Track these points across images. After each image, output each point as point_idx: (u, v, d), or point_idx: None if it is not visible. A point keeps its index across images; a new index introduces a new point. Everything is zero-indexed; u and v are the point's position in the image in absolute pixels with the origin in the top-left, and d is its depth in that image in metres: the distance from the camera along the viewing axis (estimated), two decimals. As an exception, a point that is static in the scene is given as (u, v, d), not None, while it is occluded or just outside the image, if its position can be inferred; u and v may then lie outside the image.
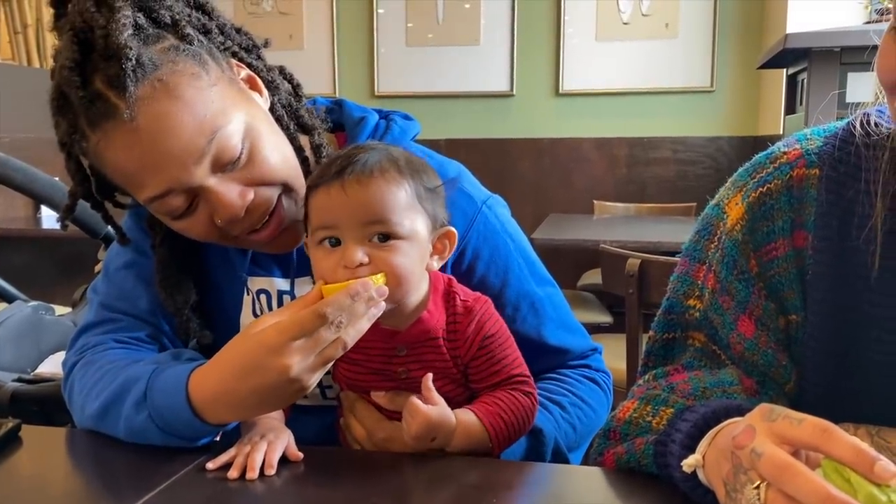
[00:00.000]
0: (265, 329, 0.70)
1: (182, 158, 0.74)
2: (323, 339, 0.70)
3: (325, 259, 0.74)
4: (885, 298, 0.67)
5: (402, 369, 0.80)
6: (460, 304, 0.81)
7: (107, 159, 0.77)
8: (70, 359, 0.91)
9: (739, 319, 0.72)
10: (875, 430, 0.66)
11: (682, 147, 3.66)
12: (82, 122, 0.75)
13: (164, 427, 0.76)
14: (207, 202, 0.78)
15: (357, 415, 0.83)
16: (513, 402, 0.79)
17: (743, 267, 0.73)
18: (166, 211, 0.79)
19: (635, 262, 1.60)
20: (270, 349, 0.69)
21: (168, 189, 0.76)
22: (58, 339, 1.37)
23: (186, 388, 0.74)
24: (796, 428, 0.50)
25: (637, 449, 0.69)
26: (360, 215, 0.73)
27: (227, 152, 0.76)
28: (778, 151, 0.75)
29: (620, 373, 1.88)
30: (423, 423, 0.73)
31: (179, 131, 0.74)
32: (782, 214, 0.72)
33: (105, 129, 0.74)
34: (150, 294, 0.92)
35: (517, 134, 3.77)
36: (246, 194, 0.78)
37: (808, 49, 2.05)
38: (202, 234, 0.81)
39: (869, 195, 0.68)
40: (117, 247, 0.95)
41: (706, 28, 3.56)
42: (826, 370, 0.71)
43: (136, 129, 0.73)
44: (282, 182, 0.81)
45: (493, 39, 3.76)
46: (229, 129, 0.76)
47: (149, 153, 0.74)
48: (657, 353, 0.80)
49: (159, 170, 0.75)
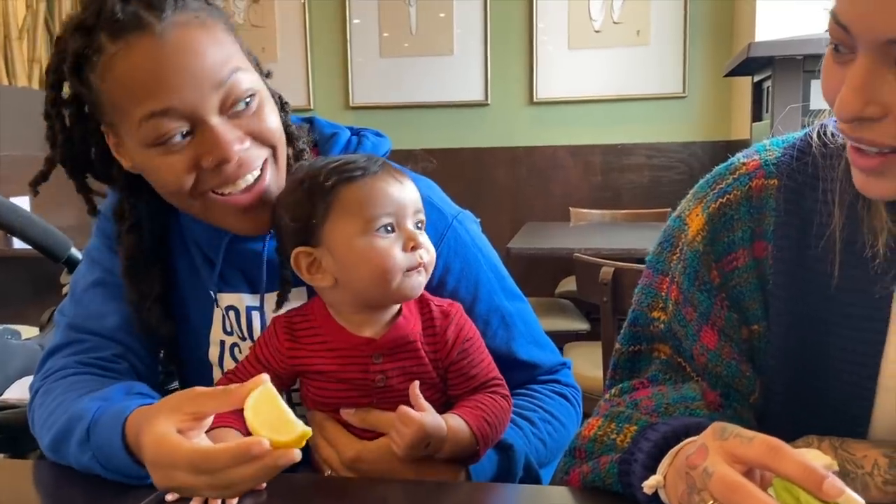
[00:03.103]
0: (192, 449, 0.67)
1: (199, 80, 0.76)
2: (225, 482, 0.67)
3: (387, 246, 0.78)
4: (843, 307, 0.68)
5: (379, 377, 0.80)
6: (436, 308, 0.83)
7: (119, 70, 0.77)
8: (35, 384, 0.90)
9: (702, 330, 0.73)
10: (839, 443, 0.66)
11: (656, 153, 3.69)
12: (102, 36, 0.77)
13: (106, 465, 0.75)
14: (202, 140, 0.78)
15: (325, 435, 0.82)
16: (494, 405, 0.81)
17: (704, 278, 0.73)
18: (157, 134, 0.77)
19: (609, 271, 1.61)
20: (180, 466, 0.67)
21: (172, 106, 0.76)
22: (24, 363, 1.34)
23: (123, 430, 0.73)
24: (746, 446, 0.50)
25: (602, 468, 0.69)
26: (413, 204, 0.81)
27: (238, 92, 0.79)
28: (738, 162, 0.75)
29: (597, 381, 1.88)
30: (417, 430, 0.75)
31: (203, 57, 0.77)
32: (742, 225, 0.72)
33: (129, 40, 0.76)
34: (117, 312, 0.91)
35: (493, 143, 3.78)
36: (243, 140, 0.80)
37: (771, 57, 2.07)
38: (179, 175, 0.79)
39: (827, 204, 0.68)
40: (84, 268, 0.95)
41: (677, 35, 3.60)
42: (789, 379, 0.71)
43: (163, 45, 0.76)
44: (273, 145, 0.83)
45: (467, 49, 3.76)
46: (246, 75, 0.80)
47: (168, 66, 0.76)
48: (623, 365, 0.80)
49: (172, 86, 0.76)
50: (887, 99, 0.56)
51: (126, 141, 0.81)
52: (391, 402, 0.80)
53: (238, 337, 0.94)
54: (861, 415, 0.68)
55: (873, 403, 0.68)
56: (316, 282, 0.82)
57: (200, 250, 0.94)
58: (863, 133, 0.59)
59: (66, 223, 3.11)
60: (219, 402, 0.69)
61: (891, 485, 0.63)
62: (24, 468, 0.91)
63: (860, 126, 0.59)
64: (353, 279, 0.79)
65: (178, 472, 0.67)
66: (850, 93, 0.57)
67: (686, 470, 0.54)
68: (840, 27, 0.58)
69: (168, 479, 0.68)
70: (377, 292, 0.80)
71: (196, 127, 0.78)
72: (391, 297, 0.81)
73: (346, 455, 0.80)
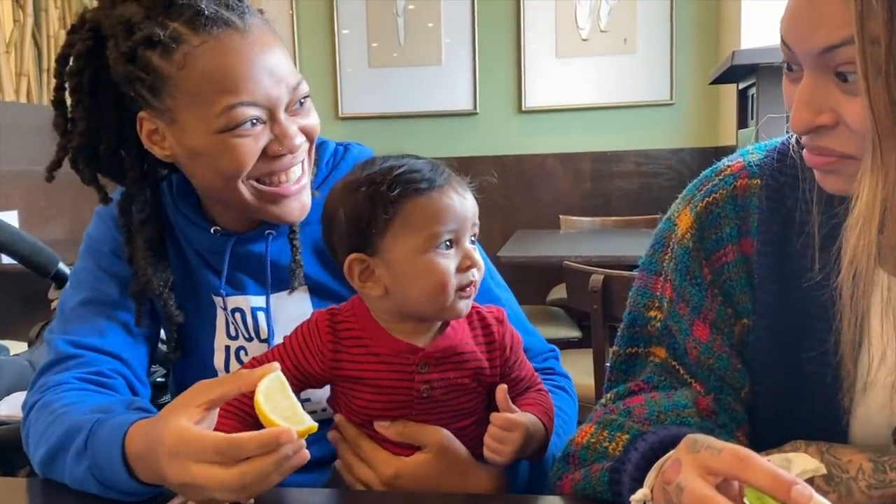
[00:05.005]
0: (219, 437, 0.66)
1: (279, 79, 0.84)
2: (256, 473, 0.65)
3: (445, 263, 0.77)
4: (823, 302, 0.69)
5: (424, 387, 0.78)
6: (487, 315, 0.84)
7: (206, 60, 0.81)
8: (29, 400, 0.89)
9: (694, 324, 0.74)
10: (826, 447, 0.66)
11: (646, 160, 3.70)
12: (180, 28, 0.81)
13: (101, 480, 0.74)
14: (272, 130, 0.85)
15: (362, 452, 0.81)
16: (547, 400, 0.86)
17: (695, 273, 0.75)
18: (238, 120, 0.82)
19: (599, 278, 1.62)
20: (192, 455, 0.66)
21: (256, 100, 0.82)
22: (12, 379, 1.33)
23: (123, 442, 0.72)
24: (716, 458, 0.51)
25: (594, 476, 0.69)
26: (473, 218, 0.80)
27: (302, 95, 0.88)
28: (723, 165, 0.79)
29: (589, 388, 1.88)
30: (523, 433, 0.77)
31: (280, 58, 0.85)
32: (729, 222, 0.75)
33: (216, 34, 0.81)
34: (111, 328, 0.91)
35: (482, 152, 3.79)
36: (299, 135, 0.88)
37: (755, 65, 2.09)
38: (248, 157, 0.84)
39: (807, 203, 0.71)
40: (71, 290, 0.96)
41: (664, 42, 3.62)
42: (775, 374, 0.73)
43: (250, 42, 0.83)
44: (313, 139, 0.91)
45: (456, 59, 3.78)
46: (305, 82, 0.89)
47: (256, 62, 0.82)
48: (619, 368, 0.81)
49: (258, 80, 0.82)
50: (835, 107, 0.59)
51: (191, 127, 0.84)
52: (430, 414, 0.79)
53: (244, 339, 0.95)
54: (842, 411, 0.70)
55: (853, 399, 0.69)
56: (366, 290, 0.80)
57: (200, 256, 0.95)
58: (820, 143, 0.63)
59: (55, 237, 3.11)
60: (230, 387, 0.68)
61: (875, 489, 0.63)
62: (13, 486, 0.90)
63: (818, 137, 0.62)
64: (407, 293, 0.78)
65: (197, 466, 0.65)
66: (800, 107, 0.61)
67: (663, 485, 0.54)
68: (786, 46, 0.62)
69: (184, 473, 0.66)
70: (429, 309, 0.78)
71: (269, 118, 0.85)
72: (441, 314, 0.79)
73: (386, 473, 0.79)
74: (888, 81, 0.55)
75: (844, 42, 0.56)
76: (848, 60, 0.57)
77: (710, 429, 0.70)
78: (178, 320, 0.94)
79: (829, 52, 0.58)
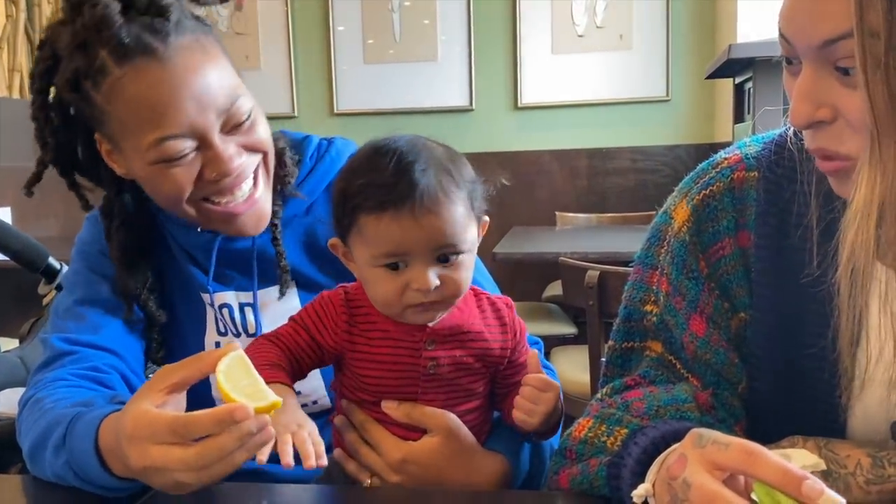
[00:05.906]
0: (172, 417, 0.64)
1: (206, 105, 0.81)
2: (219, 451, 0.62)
3: (389, 282, 0.75)
4: (820, 296, 0.68)
5: (430, 363, 0.79)
6: (497, 300, 0.85)
7: (129, 93, 0.80)
8: (25, 395, 0.89)
9: (691, 318, 0.74)
10: (824, 443, 0.66)
11: (641, 156, 3.70)
12: (106, 58, 0.79)
13: (79, 473, 0.73)
14: (206, 156, 0.83)
15: (369, 436, 0.80)
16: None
17: (692, 266, 0.74)
18: (167, 155, 0.82)
19: (594, 275, 1.61)
20: (152, 437, 0.64)
21: (181, 131, 0.81)
22: (3, 376, 1.32)
23: (96, 436, 0.72)
24: (724, 453, 0.51)
25: (591, 470, 0.68)
26: (433, 242, 0.74)
27: (239, 117, 0.85)
28: (719, 158, 0.78)
29: (584, 385, 1.88)
30: (556, 395, 0.78)
31: (209, 82, 0.82)
32: (726, 215, 0.74)
33: (136, 64, 0.79)
34: (106, 324, 0.92)
35: (478, 148, 3.78)
36: (240, 153, 0.86)
37: (752, 59, 2.08)
38: (182, 186, 0.84)
39: (804, 195, 0.70)
40: (64, 293, 0.97)
41: (660, 39, 3.61)
42: (773, 368, 0.72)
43: (171, 70, 0.79)
44: (264, 151, 0.89)
45: (451, 55, 3.76)
46: (245, 99, 0.85)
47: (178, 92, 0.80)
48: (615, 362, 0.81)
49: (182, 111, 0.80)
50: (835, 101, 0.58)
51: (129, 155, 0.84)
52: (435, 393, 0.80)
53: (233, 335, 0.96)
54: (840, 407, 0.69)
55: (851, 395, 0.69)
56: (352, 269, 0.83)
57: (187, 254, 0.96)
58: (819, 143, 0.62)
59: (48, 234, 3.09)
60: (190, 370, 0.67)
61: (873, 484, 0.63)
62: (5, 483, 0.90)
63: (817, 133, 0.62)
64: (367, 291, 0.80)
65: (156, 447, 0.63)
66: (799, 100, 0.61)
67: (667, 481, 0.54)
68: (784, 40, 0.61)
69: (145, 456, 0.64)
70: (384, 312, 0.80)
71: (200, 144, 0.83)
72: (397, 319, 0.79)
73: (394, 457, 0.79)
74: (887, 74, 0.54)
75: (844, 35, 0.56)
76: (848, 54, 0.56)
77: (709, 424, 0.69)
78: (160, 320, 0.95)
79: (829, 45, 0.57)
